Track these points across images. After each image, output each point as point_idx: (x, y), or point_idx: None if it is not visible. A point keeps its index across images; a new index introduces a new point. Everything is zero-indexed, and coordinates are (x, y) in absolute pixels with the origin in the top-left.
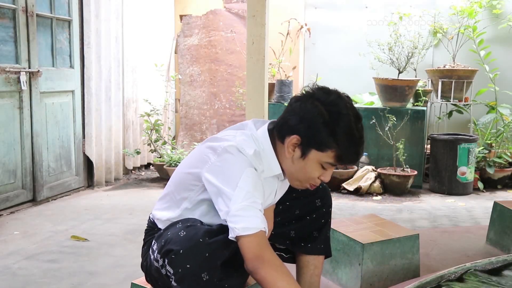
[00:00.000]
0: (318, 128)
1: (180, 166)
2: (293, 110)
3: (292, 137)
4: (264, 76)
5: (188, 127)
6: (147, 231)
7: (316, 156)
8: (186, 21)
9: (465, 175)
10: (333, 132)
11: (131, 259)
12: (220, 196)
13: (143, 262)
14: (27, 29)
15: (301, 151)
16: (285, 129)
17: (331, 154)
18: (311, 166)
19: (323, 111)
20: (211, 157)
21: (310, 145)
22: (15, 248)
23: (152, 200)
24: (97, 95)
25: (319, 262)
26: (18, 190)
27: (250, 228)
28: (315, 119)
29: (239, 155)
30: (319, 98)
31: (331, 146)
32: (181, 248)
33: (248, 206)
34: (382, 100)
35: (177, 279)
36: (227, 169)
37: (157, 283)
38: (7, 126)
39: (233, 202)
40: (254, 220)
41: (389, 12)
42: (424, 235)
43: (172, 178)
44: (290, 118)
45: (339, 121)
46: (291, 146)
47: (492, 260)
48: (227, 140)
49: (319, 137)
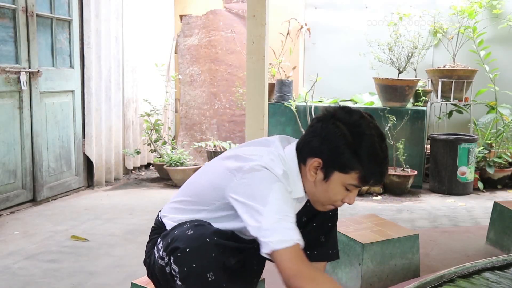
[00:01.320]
0: (341, 149)
1: (200, 178)
2: (314, 131)
3: (313, 160)
4: (264, 76)
5: (188, 127)
6: (154, 229)
7: (340, 178)
8: (186, 21)
9: (465, 175)
10: (357, 153)
11: (131, 259)
12: (248, 212)
13: (146, 259)
14: (27, 29)
15: (324, 174)
16: (307, 151)
17: (355, 175)
18: (334, 188)
19: (345, 132)
20: (237, 175)
21: (333, 167)
22: (15, 248)
23: (152, 200)
24: (97, 95)
25: (321, 266)
26: (18, 190)
27: (286, 241)
28: (338, 140)
29: (268, 172)
30: (341, 119)
31: (355, 168)
32: (187, 246)
33: (281, 219)
34: (382, 100)
35: (182, 278)
36: (255, 186)
37: (159, 282)
38: (7, 126)
39: (265, 217)
40: (289, 232)
41: (389, 12)
42: (424, 235)
43: (190, 187)
44: (312, 140)
45: (362, 142)
46: (313, 169)
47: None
48: (253, 160)
49: (342, 159)
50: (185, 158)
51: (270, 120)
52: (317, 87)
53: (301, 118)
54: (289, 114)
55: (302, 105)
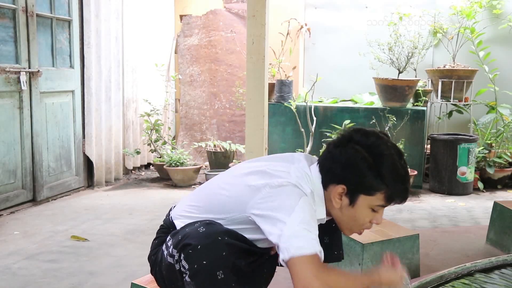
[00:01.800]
0: (364, 173)
1: (219, 189)
2: (332, 157)
3: (337, 187)
4: (264, 76)
5: (188, 127)
6: (162, 227)
7: (366, 201)
8: (186, 21)
9: (465, 175)
10: (380, 174)
11: (131, 259)
12: (271, 223)
13: (151, 256)
14: (27, 29)
15: (349, 199)
16: (328, 177)
17: (381, 196)
18: (361, 212)
19: (365, 155)
20: (262, 191)
21: (358, 192)
22: (15, 248)
23: (152, 200)
24: (97, 95)
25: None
26: (18, 190)
27: (306, 248)
28: (359, 164)
29: (296, 189)
30: (358, 142)
31: (379, 189)
32: (199, 243)
33: (305, 229)
34: (382, 100)
35: (192, 275)
36: (281, 200)
37: (163, 281)
38: (7, 126)
39: (288, 226)
40: (311, 241)
41: (389, 12)
42: (424, 235)
43: (208, 194)
44: (332, 166)
45: (383, 162)
46: (338, 196)
47: (492, 260)
48: (281, 177)
49: (366, 182)
50: (185, 158)
51: (270, 120)
52: (317, 87)
53: (301, 118)
54: (289, 114)
55: (302, 105)
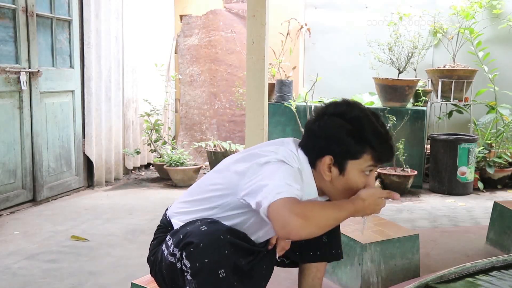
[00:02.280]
0: (346, 139)
1: (211, 178)
2: (313, 133)
3: (324, 159)
4: (264, 76)
5: (188, 127)
6: (160, 227)
7: (355, 165)
8: (186, 21)
9: (465, 175)
10: (361, 136)
11: (131, 259)
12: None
13: (150, 257)
14: (27, 29)
15: (338, 168)
16: (314, 153)
17: (368, 157)
18: (353, 177)
19: (342, 122)
20: (250, 170)
21: (345, 158)
22: (15, 248)
23: (152, 200)
24: (97, 95)
25: (321, 265)
26: (18, 190)
27: (283, 192)
28: (339, 132)
29: (284, 164)
30: (332, 112)
31: (364, 150)
32: (201, 242)
33: (286, 184)
34: (382, 100)
35: (193, 273)
36: (266, 171)
37: (164, 280)
38: (7, 126)
39: (269, 185)
40: (289, 188)
41: (389, 12)
42: (424, 235)
43: (201, 185)
44: (314, 141)
45: (361, 124)
46: (327, 168)
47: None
48: (268, 155)
49: (350, 147)
50: (185, 158)
51: (270, 120)
52: (317, 87)
53: (301, 118)
54: (289, 114)
55: (302, 105)
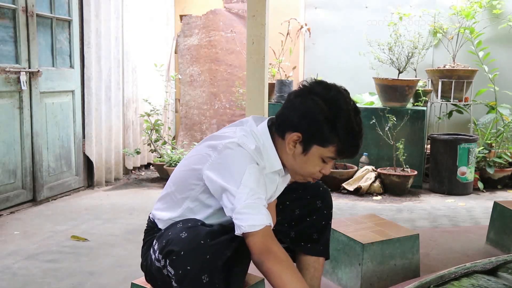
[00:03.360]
0: (320, 124)
1: (180, 166)
2: (292, 106)
3: (293, 134)
4: (264, 76)
5: (188, 127)
6: (147, 231)
7: (318, 151)
8: (186, 21)
9: (465, 175)
10: (334, 127)
11: (131, 259)
12: (224, 193)
13: (143, 262)
14: (27, 29)
15: (303, 147)
16: (286, 125)
17: (333, 148)
18: (313, 161)
19: (323, 107)
20: (212, 155)
21: (312, 141)
22: (15, 248)
23: (152, 200)
24: (97, 95)
25: (319, 265)
26: (18, 190)
27: (256, 226)
28: (317, 116)
29: (241, 150)
30: (318, 93)
31: (332, 142)
32: (182, 250)
33: (253, 203)
34: (382, 100)
35: (177, 280)
36: (229, 166)
37: (157, 283)
38: (7, 126)
39: (238, 200)
40: (259, 217)
41: (389, 12)
42: (424, 235)
43: (172, 178)
44: (290, 114)
45: (339, 117)
46: (292, 143)
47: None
48: (227, 137)
49: (321, 133)
50: None
51: None
52: None
53: None
54: None
55: None
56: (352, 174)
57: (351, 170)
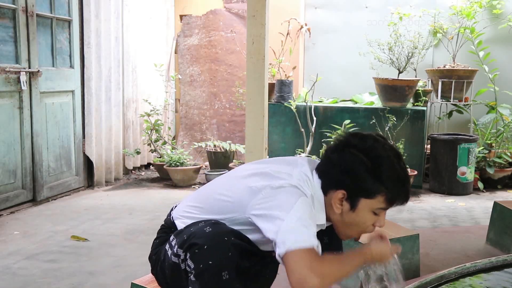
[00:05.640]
0: (363, 176)
1: (221, 190)
2: (331, 162)
3: (337, 193)
4: (264, 76)
5: (188, 127)
6: (163, 227)
7: (367, 204)
8: (186, 21)
9: (465, 175)
10: (379, 177)
11: (131, 259)
12: (269, 221)
13: (152, 255)
14: (27, 29)
15: (350, 204)
16: (328, 183)
17: (381, 198)
18: (363, 215)
19: (363, 158)
20: (263, 191)
21: (358, 196)
22: (15, 248)
23: (152, 200)
24: (97, 95)
25: None
26: (18, 190)
27: (302, 241)
28: (358, 168)
29: (296, 189)
30: (355, 146)
31: (379, 191)
32: (205, 243)
33: (303, 225)
34: (382, 100)
35: (197, 274)
36: (280, 198)
37: (165, 280)
38: (7, 126)
39: (286, 221)
40: (307, 235)
41: (389, 12)
42: (424, 235)
43: (209, 195)
44: (330, 172)
45: (381, 165)
46: (338, 201)
47: (492, 260)
48: (283, 179)
49: (366, 185)
50: (185, 158)
51: (270, 120)
52: (317, 87)
53: (301, 118)
54: (289, 114)
55: (302, 105)
56: None
57: None
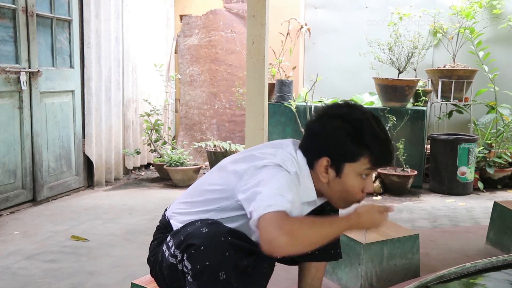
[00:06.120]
0: (344, 141)
1: (209, 179)
2: (312, 134)
3: (321, 160)
4: (264, 76)
5: (188, 127)
6: (159, 228)
7: (352, 168)
8: (186, 21)
9: (465, 175)
10: (360, 139)
11: (131, 259)
12: (252, 199)
13: (150, 257)
14: (27, 29)
15: (335, 170)
16: (312, 154)
17: (365, 160)
18: (350, 180)
19: (342, 123)
20: (248, 172)
21: (342, 161)
22: (15, 248)
23: (152, 200)
24: (97, 95)
25: (321, 265)
26: (18, 190)
27: (274, 205)
28: (338, 133)
29: (280, 169)
30: (333, 113)
31: (362, 154)
32: (202, 244)
33: (278, 194)
34: (382, 100)
35: (194, 275)
36: (262, 175)
37: (164, 280)
38: (7, 126)
39: (262, 193)
40: (280, 200)
41: (389, 12)
42: (424, 235)
43: (199, 187)
44: (313, 142)
45: (361, 127)
46: (324, 169)
47: (492, 260)
48: (266, 159)
49: (348, 149)
50: (185, 158)
51: (270, 120)
52: (317, 87)
53: (301, 118)
54: (289, 114)
55: (302, 105)
56: None
57: None
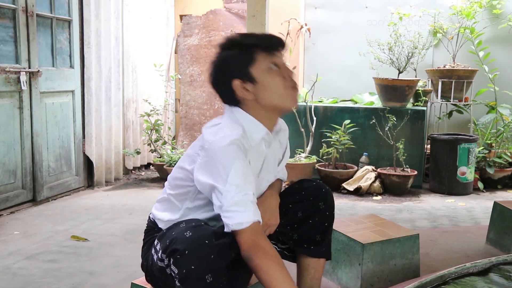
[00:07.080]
0: (234, 53)
1: (176, 166)
2: (212, 78)
3: (235, 85)
4: None
5: (188, 127)
6: (147, 230)
7: (258, 67)
8: (186, 21)
9: (465, 175)
10: (244, 43)
11: (131, 259)
12: (212, 191)
13: (143, 262)
14: (27, 29)
15: (249, 81)
16: (228, 93)
17: (262, 54)
18: (266, 78)
19: (228, 45)
20: (200, 154)
21: (246, 70)
22: (15, 248)
23: (152, 200)
24: (97, 95)
25: (319, 266)
26: (18, 190)
27: (243, 223)
28: (229, 53)
29: (227, 146)
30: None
31: (255, 51)
32: (186, 249)
33: (240, 200)
34: (382, 100)
35: (181, 279)
36: (215, 164)
37: (158, 283)
38: (7, 126)
39: (225, 197)
40: (247, 214)
41: (389, 12)
42: (424, 235)
43: (169, 179)
44: (218, 78)
45: (240, 36)
46: (242, 90)
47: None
48: (213, 134)
49: (241, 57)
50: None
51: None
52: (317, 87)
53: (301, 118)
54: (289, 114)
55: (302, 105)
56: (352, 174)
57: (351, 170)
